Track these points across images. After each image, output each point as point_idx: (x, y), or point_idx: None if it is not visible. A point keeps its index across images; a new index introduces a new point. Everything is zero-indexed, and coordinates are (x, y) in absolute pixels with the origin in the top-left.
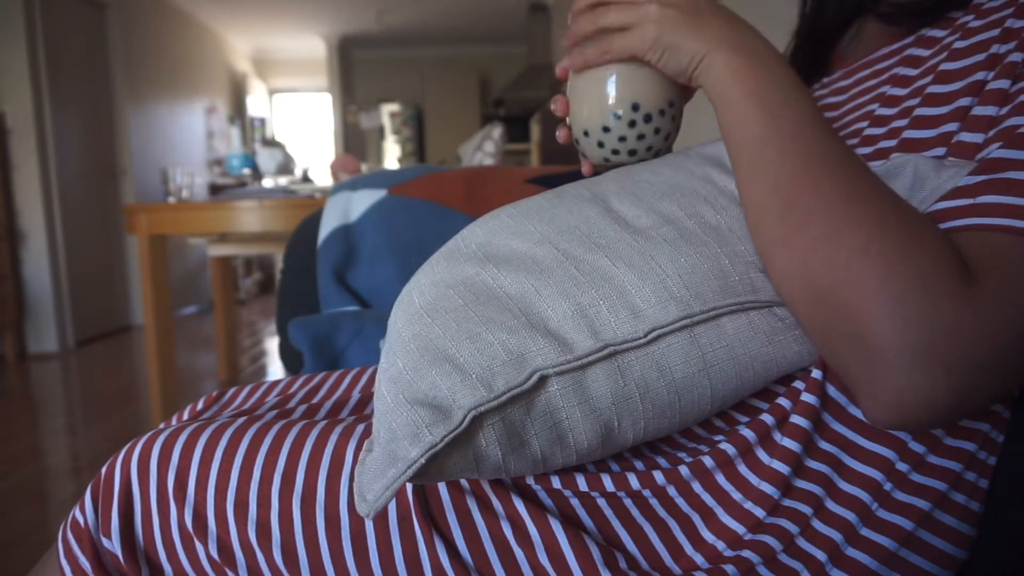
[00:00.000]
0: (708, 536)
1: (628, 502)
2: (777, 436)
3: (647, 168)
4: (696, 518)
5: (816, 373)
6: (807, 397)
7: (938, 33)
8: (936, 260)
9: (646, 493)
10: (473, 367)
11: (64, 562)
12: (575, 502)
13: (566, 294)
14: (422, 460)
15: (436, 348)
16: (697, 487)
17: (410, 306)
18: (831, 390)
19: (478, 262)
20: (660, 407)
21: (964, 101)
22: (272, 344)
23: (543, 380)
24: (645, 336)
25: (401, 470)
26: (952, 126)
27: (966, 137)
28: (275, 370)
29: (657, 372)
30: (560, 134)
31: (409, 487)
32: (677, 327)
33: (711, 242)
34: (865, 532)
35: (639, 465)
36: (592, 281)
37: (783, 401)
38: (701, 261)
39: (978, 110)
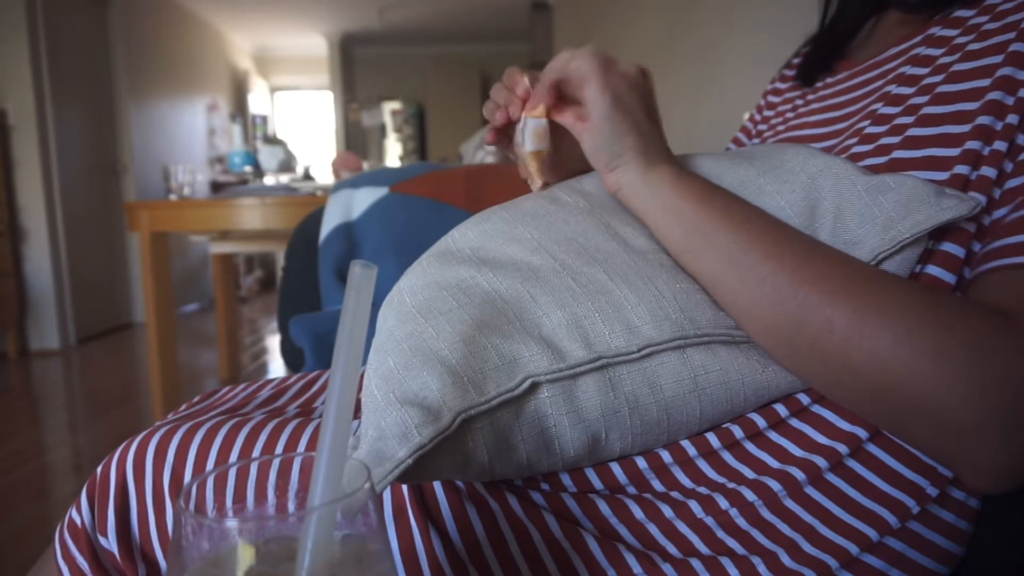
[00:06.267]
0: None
1: (620, 496)
2: (772, 435)
3: None
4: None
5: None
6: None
7: (949, 32)
8: (965, 315)
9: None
10: (465, 370)
11: (61, 562)
12: (565, 496)
13: (561, 303)
14: (409, 460)
15: (429, 349)
16: (687, 482)
17: (401, 305)
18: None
19: (473, 265)
20: (648, 423)
21: (969, 105)
22: (273, 342)
23: (534, 386)
24: (639, 351)
25: (388, 469)
26: (954, 128)
27: (973, 145)
28: (276, 368)
29: (648, 388)
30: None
31: None
32: (671, 346)
33: None
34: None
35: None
36: (588, 293)
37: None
38: (695, 290)
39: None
